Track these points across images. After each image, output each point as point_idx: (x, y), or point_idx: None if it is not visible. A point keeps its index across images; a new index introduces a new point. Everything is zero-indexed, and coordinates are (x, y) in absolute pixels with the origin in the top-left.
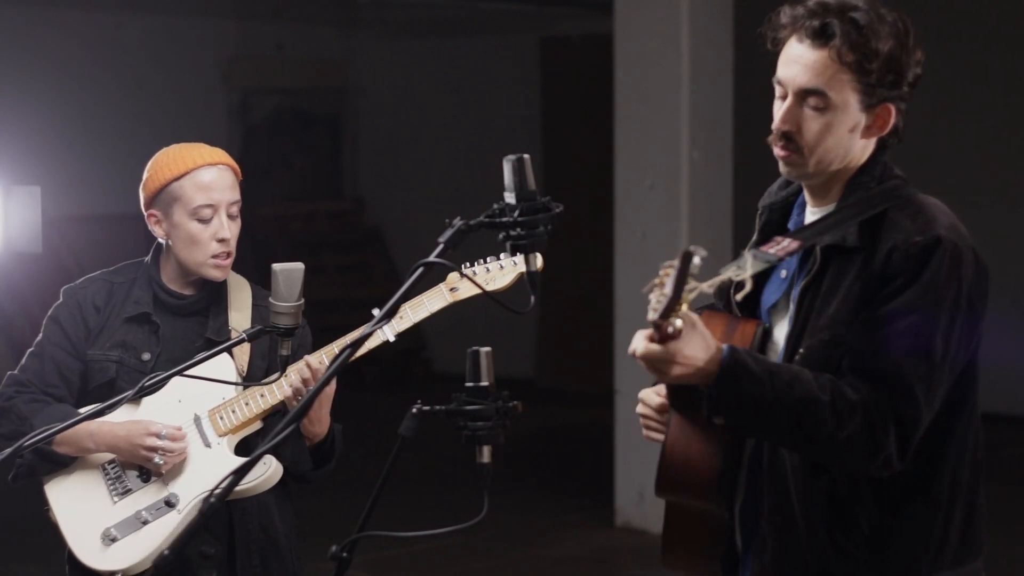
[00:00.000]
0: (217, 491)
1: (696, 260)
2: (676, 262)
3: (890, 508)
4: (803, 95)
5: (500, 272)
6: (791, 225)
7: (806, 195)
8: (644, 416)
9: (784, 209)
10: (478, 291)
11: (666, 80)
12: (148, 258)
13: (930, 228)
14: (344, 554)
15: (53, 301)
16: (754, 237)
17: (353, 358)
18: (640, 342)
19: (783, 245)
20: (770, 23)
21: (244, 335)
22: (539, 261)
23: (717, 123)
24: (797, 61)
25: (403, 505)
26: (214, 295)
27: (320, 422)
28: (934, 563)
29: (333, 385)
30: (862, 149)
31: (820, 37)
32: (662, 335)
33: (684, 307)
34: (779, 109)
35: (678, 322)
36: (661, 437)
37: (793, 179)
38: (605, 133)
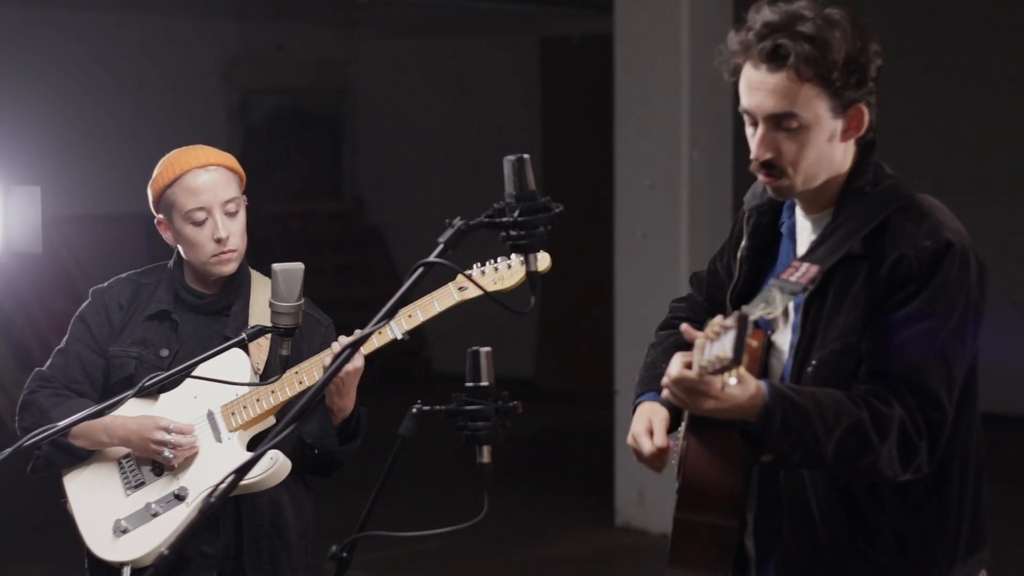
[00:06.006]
0: (218, 491)
1: (766, 309)
2: (732, 323)
3: (909, 512)
4: (774, 120)
5: (508, 272)
6: (783, 228)
7: (797, 201)
8: (636, 452)
9: (773, 211)
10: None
11: (666, 80)
12: (172, 261)
13: (938, 233)
14: (344, 554)
15: (53, 301)
16: (744, 242)
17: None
18: (675, 366)
19: (803, 271)
20: (721, 54)
21: (244, 335)
22: (547, 261)
23: (717, 123)
24: (759, 88)
25: (403, 505)
26: (235, 294)
27: (347, 395)
28: (951, 559)
29: (361, 361)
30: (844, 153)
31: (774, 59)
32: (702, 373)
33: (742, 368)
34: (752, 137)
35: (732, 380)
36: (653, 468)
37: (784, 199)
38: (605, 133)
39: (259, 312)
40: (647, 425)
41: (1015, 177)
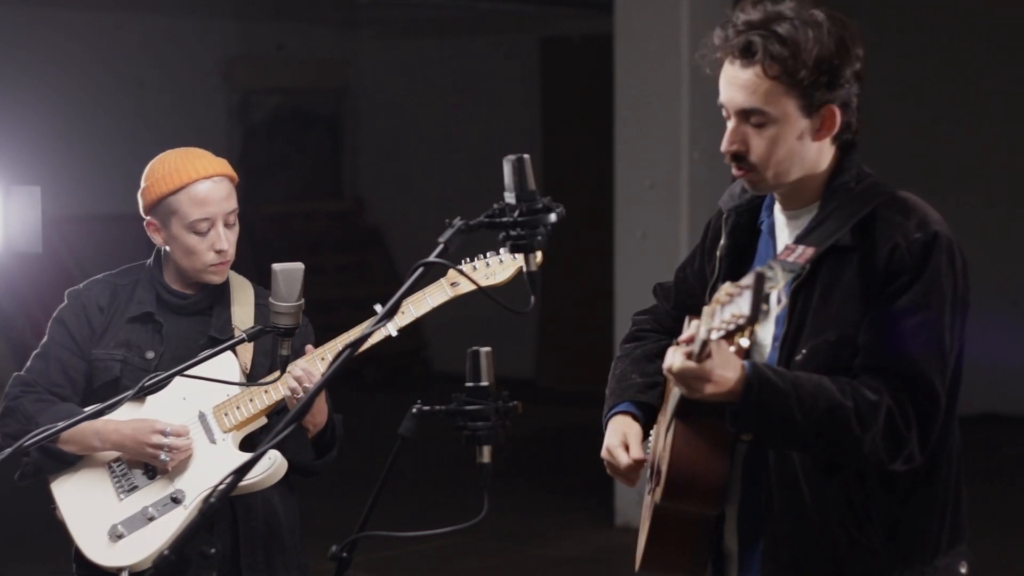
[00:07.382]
0: (218, 491)
1: (768, 283)
2: (748, 282)
3: (900, 501)
4: (744, 115)
5: (500, 267)
6: (762, 227)
7: (777, 199)
8: (610, 465)
9: (751, 211)
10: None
11: (666, 80)
12: (150, 261)
13: (926, 225)
14: (344, 554)
15: (53, 301)
16: (723, 240)
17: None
18: (678, 359)
19: (799, 252)
20: (705, 48)
21: (244, 335)
22: (538, 257)
23: (717, 123)
24: (732, 83)
25: (403, 505)
26: (216, 294)
27: (319, 412)
28: (936, 548)
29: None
30: (818, 152)
31: (746, 55)
32: (701, 354)
33: (757, 327)
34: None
35: (744, 342)
36: (626, 483)
37: (760, 193)
38: (605, 133)
39: (239, 311)
40: (622, 439)
41: (1016, 177)
